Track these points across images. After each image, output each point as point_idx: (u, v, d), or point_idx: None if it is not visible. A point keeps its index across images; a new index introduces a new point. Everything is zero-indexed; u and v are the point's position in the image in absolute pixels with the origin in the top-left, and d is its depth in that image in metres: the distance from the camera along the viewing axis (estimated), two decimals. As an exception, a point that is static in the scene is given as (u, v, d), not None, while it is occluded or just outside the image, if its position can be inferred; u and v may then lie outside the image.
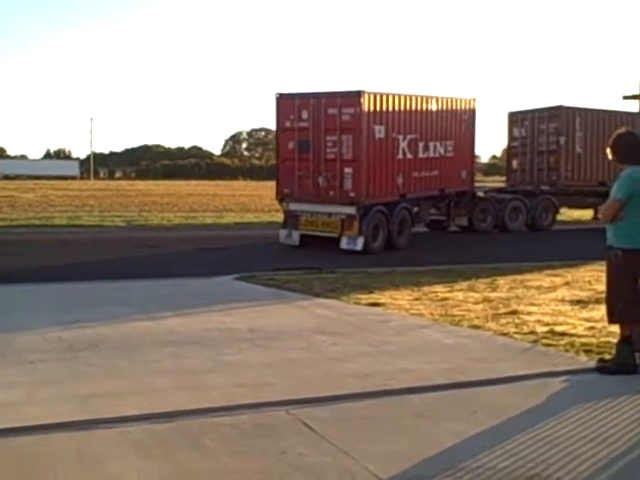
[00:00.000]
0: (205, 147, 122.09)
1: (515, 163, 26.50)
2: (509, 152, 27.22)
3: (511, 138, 26.54)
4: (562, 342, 7.83)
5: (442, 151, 20.41)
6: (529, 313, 9.66)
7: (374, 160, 17.80)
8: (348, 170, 17.49)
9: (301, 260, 15.72)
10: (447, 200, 21.59)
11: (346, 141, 17.47)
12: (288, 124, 18.23)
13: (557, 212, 25.01)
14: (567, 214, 28.21)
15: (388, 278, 13.17)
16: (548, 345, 7.72)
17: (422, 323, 9.06)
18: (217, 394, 5.99)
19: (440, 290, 11.66)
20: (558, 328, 8.57)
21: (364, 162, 17.48)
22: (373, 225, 17.62)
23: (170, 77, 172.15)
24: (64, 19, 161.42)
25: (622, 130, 6.88)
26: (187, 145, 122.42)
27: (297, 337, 8.16)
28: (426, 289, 11.74)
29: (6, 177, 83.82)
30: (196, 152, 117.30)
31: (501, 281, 12.72)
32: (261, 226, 24.65)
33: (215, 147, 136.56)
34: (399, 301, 10.63)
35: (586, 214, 28.76)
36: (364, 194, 17.49)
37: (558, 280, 12.96)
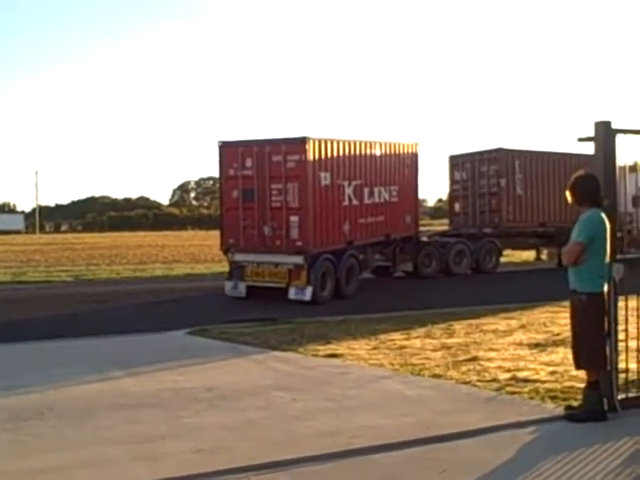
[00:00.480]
0: (153, 197, 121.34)
1: (457, 206, 26.65)
2: (451, 195, 27.35)
3: (452, 181, 26.67)
4: (526, 389, 7.69)
5: (387, 196, 20.31)
6: (489, 359, 9.54)
7: (320, 207, 17.50)
8: (294, 218, 17.16)
9: (253, 310, 15.41)
10: (393, 246, 21.45)
11: (292, 189, 17.17)
12: (232, 172, 17.85)
13: (500, 254, 25.10)
14: (510, 255, 28.42)
15: (344, 327, 12.97)
16: (512, 393, 7.57)
17: (382, 374, 8.86)
18: (174, 463, 5.68)
19: (397, 338, 11.49)
20: (520, 374, 8.45)
21: (310, 210, 17.17)
22: (321, 274, 17.26)
23: (116, 127, 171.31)
24: (6, 71, 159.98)
25: (581, 172, 6.85)
26: (134, 196, 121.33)
27: (255, 395, 7.88)
28: (383, 337, 11.56)
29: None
30: (144, 203, 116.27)
31: (457, 326, 12.62)
32: (211, 277, 24.26)
33: (163, 197, 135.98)
34: (357, 351, 10.42)
35: (529, 255, 29.12)
36: (311, 243, 17.16)
37: (513, 323, 12.92)
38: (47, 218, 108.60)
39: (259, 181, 17.41)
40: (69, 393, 8.16)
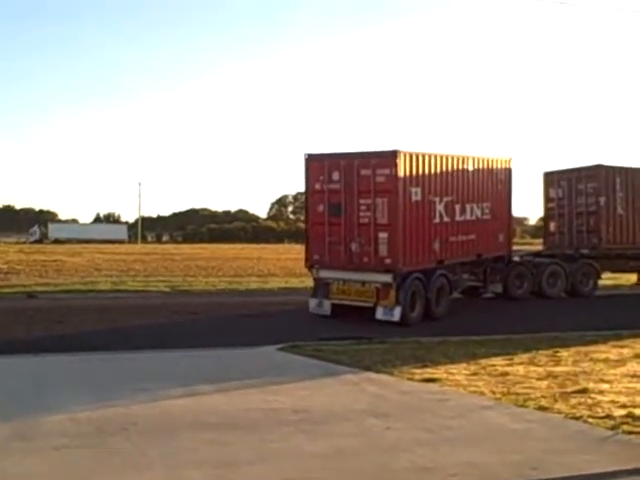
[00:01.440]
0: (251, 210, 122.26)
1: (552, 225, 25.25)
2: (546, 214, 26.02)
3: (547, 199, 25.28)
4: (645, 429, 6.97)
5: (479, 213, 19.39)
6: (601, 392, 8.80)
7: (410, 224, 16.66)
8: (383, 235, 16.32)
9: (345, 328, 14.92)
10: (484, 265, 20.45)
11: (381, 204, 16.34)
12: (318, 186, 17.15)
13: (599, 277, 23.48)
14: (607, 279, 26.72)
15: (441, 349, 12.38)
16: (630, 432, 6.87)
17: (483, 403, 8.26)
18: (258, 493, 5.30)
19: (499, 363, 10.84)
20: (638, 411, 7.71)
21: (400, 226, 16.32)
22: (410, 293, 16.40)
23: (217, 141, 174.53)
24: (111, 89, 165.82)
25: None
26: (233, 208, 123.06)
27: (347, 420, 7.43)
28: (483, 362, 10.94)
29: (56, 241, 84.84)
30: (242, 215, 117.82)
31: (564, 353, 11.85)
32: (305, 291, 23.89)
33: (261, 210, 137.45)
34: (456, 376, 9.84)
35: (630, 278, 27.30)
36: (401, 261, 16.29)
37: (626, 352, 12.05)
38: (149, 229, 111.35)
39: (346, 196, 16.73)
40: (155, 408, 7.92)
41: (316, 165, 17.27)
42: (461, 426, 7.21)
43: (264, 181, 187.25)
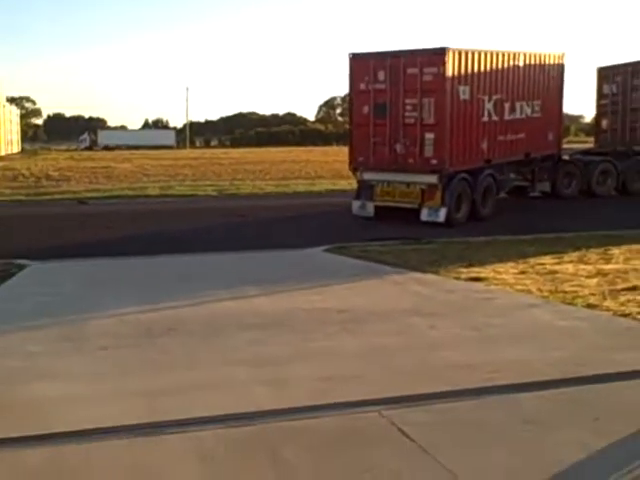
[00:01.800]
0: (299, 113, 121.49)
1: (605, 123, 24.14)
2: (598, 111, 24.89)
3: (600, 95, 24.18)
4: (697, 326, 6.81)
5: (529, 112, 18.78)
6: (652, 289, 8.61)
7: (458, 124, 16.22)
8: (429, 136, 15.97)
9: (392, 229, 14.86)
10: (532, 165, 20.01)
11: (427, 104, 15.92)
12: (363, 86, 16.67)
13: None
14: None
15: (490, 249, 12.24)
16: (680, 329, 6.72)
17: (530, 301, 8.16)
18: (300, 390, 5.34)
19: (548, 262, 10.68)
20: (689, 307, 7.53)
21: (447, 126, 15.91)
22: (457, 194, 16.19)
23: (264, 43, 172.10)
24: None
25: None
26: (281, 112, 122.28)
27: (391, 319, 7.42)
28: (532, 261, 10.78)
29: (106, 147, 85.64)
30: (290, 119, 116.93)
31: (615, 250, 11.62)
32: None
33: (309, 113, 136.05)
34: (503, 275, 9.73)
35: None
36: (447, 161, 15.95)
37: (682, 249, 11.74)
38: (197, 134, 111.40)
39: (392, 95, 16.28)
40: (202, 310, 8.00)
41: (361, 64, 16.81)
42: (506, 324, 7.14)
43: (312, 83, 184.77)
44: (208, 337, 6.85)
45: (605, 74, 24.08)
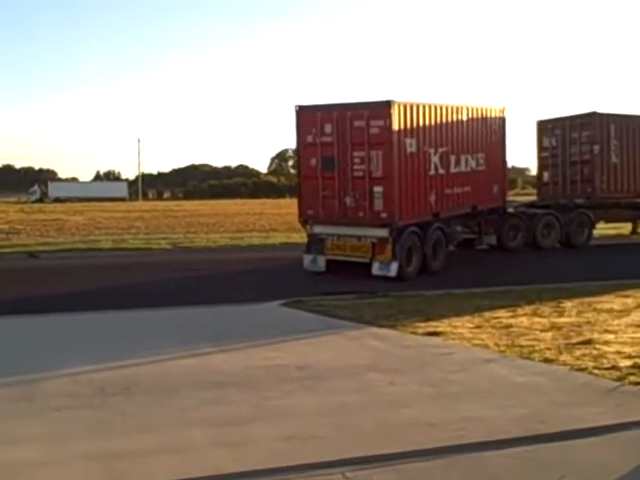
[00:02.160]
0: (251, 165, 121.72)
1: (546, 175, 24.61)
2: (539, 163, 25.32)
3: (541, 148, 24.68)
4: (652, 380, 6.89)
5: (474, 165, 18.88)
6: (606, 342, 8.72)
7: (406, 177, 16.16)
8: (378, 189, 15.85)
9: (345, 283, 14.85)
10: (478, 217, 20.11)
11: (375, 157, 15.82)
12: (310, 139, 16.55)
13: (593, 227, 23.10)
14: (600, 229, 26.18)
15: (444, 302, 12.30)
16: (636, 383, 6.79)
17: (487, 356, 8.19)
18: (261, 451, 5.23)
19: (502, 315, 10.76)
20: (643, 361, 7.62)
21: (396, 179, 15.83)
22: (407, 248, 16.03)
23: (216, 96, 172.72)
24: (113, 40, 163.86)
25: None
26: (234, 164, 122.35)
27: (350, 375, 7.36)
28: (487, 314, 10.86)
29: (57, 200, 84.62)
30: (243, 171, 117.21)
31: (567, 303, 11.77)
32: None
33: (262, 165, 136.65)
34: (459, 329, 9.77)
35: (623, 228, 26.94)
36: (397, 215, 15.85)
37: (630, 302, 11.94)
38: (150, 186, 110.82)
39: (340, 148, 16.16)
40: (157, 368, 7.86)
41: (308, 117, 16.65)
42: (465, 380, 7.13)
43: (264, 136, 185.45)
44: (164, 397, 6.70)
45: (544, 127, 24.45)
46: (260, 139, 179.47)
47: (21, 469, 4.96)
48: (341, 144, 16.18)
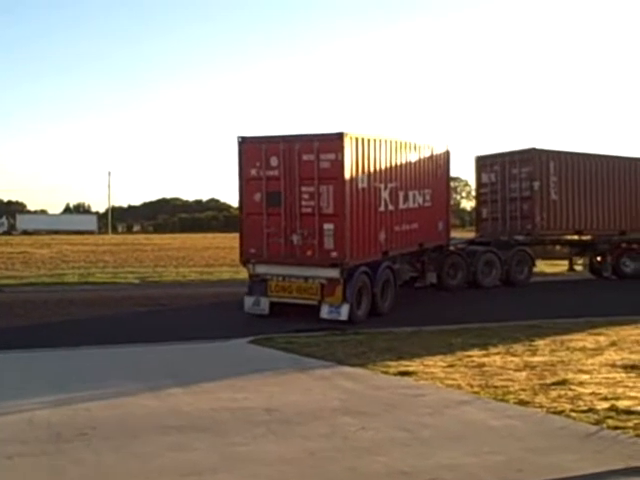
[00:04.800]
0: (222, 199, 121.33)
1: (485, 211, 24.23)
2: (478, 199, 25.15)
3: (479, 184, 24.48)
4: (630, 423, 6.70)
5: (420, 201, 18.27)
6: (581, 383, 8.56)
7: (357, 214, 15.19)
8: (329, 226, 14.75)
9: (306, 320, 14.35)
10: (422, 255, 19.55)
11: (326, 192, 14.77)
12: (254, 173, 15.46)
13: (534, 264, 22.76)
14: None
15: (416, 340, 12.09)
16: (615, 427, 6.58)
17: (461, 398, 7.96)
18: (224, 504, 4.92)
19: (475, 354, 10.57)
20: (620, 403, 7.46)
21: (348, 216, 14.78)
22: (357, 289, 15.04)
23: (187, 130, 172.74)
24: (81, 74, 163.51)
25: None
26: (205, 197, 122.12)
27: (318, 419, 7.08)
28: (459, 353, 10.65)
29: (25, 232, 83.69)
30: (214, 205, 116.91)
31: (540, 342, 11.64)
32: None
33: (233, 199, 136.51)
34: (431, 368, 9.54)
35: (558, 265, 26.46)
36: (348, 254, 14.77)
37: (602, 340, 11.84)
38: (120, 219, 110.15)
39: (287, 183, 15.12)
40: (117, 409, 7.50)
41: (251, 149, 15.57)
42: (438, 424, 6.88)
43: (236, 169, 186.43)
44: (124, 442, 6.36)
45: (483, 163, 24.07)
46: (232, 173, 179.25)
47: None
48: (288, 178, 15.16)
